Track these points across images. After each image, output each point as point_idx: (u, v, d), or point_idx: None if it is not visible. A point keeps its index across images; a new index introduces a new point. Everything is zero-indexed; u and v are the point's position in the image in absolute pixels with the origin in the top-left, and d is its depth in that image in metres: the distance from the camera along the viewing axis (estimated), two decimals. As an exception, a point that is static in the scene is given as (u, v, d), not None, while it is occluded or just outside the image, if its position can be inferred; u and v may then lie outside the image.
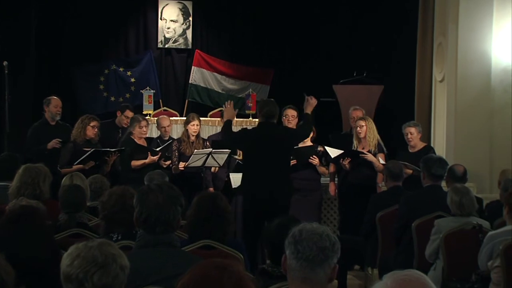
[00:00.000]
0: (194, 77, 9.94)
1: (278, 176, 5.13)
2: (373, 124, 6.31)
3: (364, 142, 6.27)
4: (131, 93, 9.73)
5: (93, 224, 3.92)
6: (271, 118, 5.21)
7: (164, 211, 2.48)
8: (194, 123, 6.47)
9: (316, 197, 6.31)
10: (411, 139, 6.21)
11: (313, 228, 2.11)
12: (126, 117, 6.94)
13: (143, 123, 6.42)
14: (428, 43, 7.94)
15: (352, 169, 6.22)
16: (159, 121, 7.00)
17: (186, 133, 6.51)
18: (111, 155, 6.14)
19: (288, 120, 6.69)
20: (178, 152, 6.43)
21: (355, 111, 6.76)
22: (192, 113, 6.76)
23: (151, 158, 6.26)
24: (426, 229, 4.36)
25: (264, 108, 5.22)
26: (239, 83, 10.14)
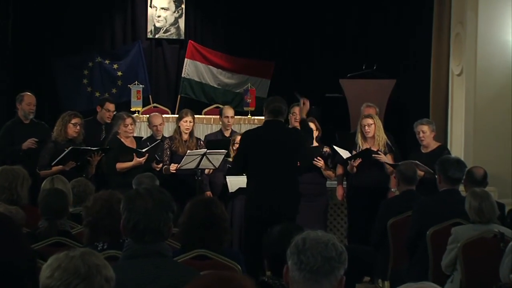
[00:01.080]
0: (187, 71, 9.93)
1: (287, 183, 5.14)
2: (380, 122, 6.33)
3: (372, 142, 6.28)
4: (117, 88, 9.72)
5: (76, 232, 3.92)
6: (279, 115, 5.19)
7: (153, 218, 2.48)
8: (187, 119, 6.48)
9: (322, 203, 6.34)
10: (423, 138, 6.23)
11: (318, 236, 2.11)
12: (107, 110, 6.94)
13: (128, 121, 6.42)
14: (445, 33, 7.94)
15: (362, 171, 6.22)
16: (151, 119, 7.00)
17: (178, 130, 6.53)
18: (94, 155, 6.14)
19: (295, 119, 6.72)
20: (170, 150, 6.45)
21: (368, 108, 6.79)
22: (186, 109, 6.77)
23: (137, 161, 6.27)
24: (442, 238, 4.36)
25: (270, 104, 5.21)
26: (237, 77, 10.14)
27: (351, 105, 7.96)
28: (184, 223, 3.23)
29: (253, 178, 5.23)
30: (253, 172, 5.22)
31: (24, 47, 9.46)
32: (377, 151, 6.22)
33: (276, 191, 5.08)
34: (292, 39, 10.09)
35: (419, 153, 6.27)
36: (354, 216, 6.39)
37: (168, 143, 6.49)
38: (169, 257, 2.55)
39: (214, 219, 3.21)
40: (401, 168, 5.34)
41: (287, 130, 5.57)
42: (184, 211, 3.27)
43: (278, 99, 5.31)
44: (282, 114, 5.21)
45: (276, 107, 5.16)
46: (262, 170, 5.12)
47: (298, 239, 2.10)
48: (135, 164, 6.26)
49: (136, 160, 6.26)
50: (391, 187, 6.31)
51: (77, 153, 6.07)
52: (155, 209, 2.49)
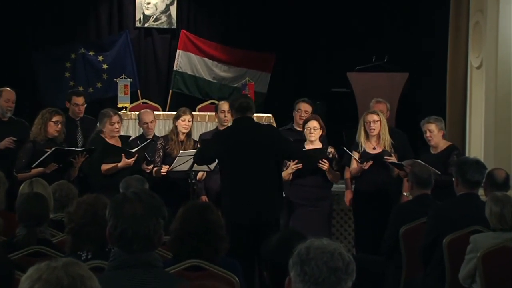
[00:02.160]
0: (180, 63, 9.94)
1: (266, 184, 5.23)
2: (384, 118, 6.36)
3: (376, 141, 6.30)
4: (103, 82, 9.73)
5: (57, 241, 3.92)
6: (247, 112, 5.31)
7: (143, 224, 2.47)
8: (185, 118, 6.49)
9: (325, 207, 6.36)
10: (431, 137, 6.26)
11: (323, 245, 2.10)
12: (75, 104, 6.94)
13: (114, 119, 6.41)
14: (463, 21, 7.95)
15: (368, 174, 6.27)
16: (141, 116, 7.01)
17: (175, 130, 6.53)
18: (77, 156, 6.14)
19: (300, 116, 6.71)
20: (163, 151, 6.46)
21: (378, 104, 6.79)
22: (184, 107, 6.79)
23: (126, 161, 6.26)
24: (460, 247, 4.36)
25: (236, 102, 5.37)
26: (234, 70, 10.15)
27: (360, 100, 7.97)
28: (176, 230, 3.23)
29: (228, 182, 5.31)
30: (227, 176, 5.32)
31: (1, 39, 9.47)
32: (382, 151, 6.25)
33: (255, 193, 5.17)
34: (295, 28, 10.09)
35: (428, 154, 6.29)
36: (362, 223, 6.42)
37: (161, 143, 6.50)
38: (160, 267, 2.54)
39: (209, 225, 3.21)
40: (415, 170, 5.34)
41: (259, 126, 5.66)
42: (176, 217, 3.27)
43: (243, 95, 5.48)
44: (251, 110, 5.33)
45: (242, 103, 5.29)
46: (237, 172, 5.21)
47: (301, 248, 2.09)
48: (123, 166, 6.26)
49: (124, 161, 6.25)
50: (404, 191, 6.31)
51: (60, 154, 6.06)
52: (144, 215, 2.48)
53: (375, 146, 6.29)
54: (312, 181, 6.25)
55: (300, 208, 6.23)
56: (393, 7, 9.49)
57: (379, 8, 9.66)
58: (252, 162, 5.19)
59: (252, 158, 5.19)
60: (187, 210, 3.29)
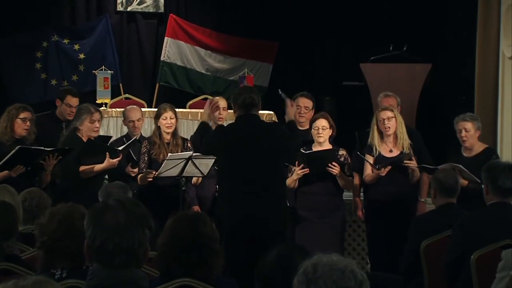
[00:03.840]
0: (168, 53, 9.96)
1: (267, 190, 5.21)
2: (399, 114, 6.37)
3: (392, 142, 6.30)
4: (79, 74, 9.74)
5: (27, 257, 3.91)
6: (252, 109, 5.29)
7: (126, 235, 2.47)
8: (166, 115, 6.49)
9: (337, 219, 6.37)
10: (466, 138, 6.23)
11: (332, 261, 2.11)
12: (68, 105, 6.95)
13: (95, 116, 6.43)
14: (493, 6, 7.95)
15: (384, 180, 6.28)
16: (127, 113, 7.03)
17: (157, 132, 6.52)
18: (48, 158, 6.12)
19: (300, 113, 6.70)
20: (148, 156, 6.46)
21: (387, 98, 6.83)
22: (164, 104, 6.77)
23: (110, 162, 6.24)
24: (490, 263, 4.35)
25: (239, 97, 5.32)
26: (231, 61, 10.16)
27: (375, 95, 7.92)
28: (164, 245, 3.22)
29: (226, 186, 5.31)
30: (226, 179, 5.31)
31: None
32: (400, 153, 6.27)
33: (257, 198, 5.17)
34: (301, 13, 10.11)
35: (460, 157, 6.27)
36: (377, 236, 6.43)
37: (146, 146, 6.49)
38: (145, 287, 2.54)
39: (201, 239, 3.20)
40: (439, 175, 5.33)
41: (265, 125, 5.66)
42: (165, 230, 3.26)
43: (248, 89, 5.42)
44: (256, 107, 5.33)
45: (246, 99, 5.27)
46: (238, 176, 5.20)
47: (308, 265, 2.10)
48: (107, 167, 6.25)
49: (109, 162, 6.23)
50: (421, 198, 6.32)
51: (27, 155, 6.03)
52: (128, 224, 2.48)
53: (391, 148, 6.29)
54: (321, 188, 6.26)
55: (308, 220, 6.25)
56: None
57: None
58: (256, 165, 5.19)
59: (256, 161, 5.20)
60: (176, 221, 3.28)
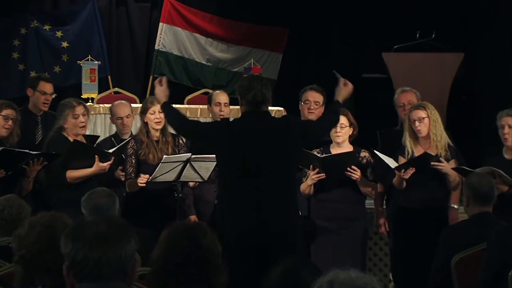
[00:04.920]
0: (163, 40, 9.96)
1: (277, 197, 5.14)
2: (437, 114, 6.33)
3: (426, 144, 6.32)
4: (62, 65, 9.76)
5: (4, 272, 3.93)
6: (262, 106, 5.23)
7: (110, 244, 2.49)
8: (154, 110, 6.45)
9: (359, 230, 6.37)
10: (508, 136, 6.20)
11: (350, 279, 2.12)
12: (42, 93, 6.96)
13: (79, 110, 6.44)
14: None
15: (413, 185, 6.24)
16: (114, 109, 7.04)
17: (144, 129, 6.51)
18: (32, 163, 6.14)
19: (309, 109, 6.73)
20: (136, 158, 6.46)
21: (404, 94, 6.85)
22: (151, 97, 6.75)
23: (100, 166, 6.25)
24: (531, 281, 4.36)
25: (249, 92, 5.22)
26: (235, 50, 10.17)
27: (399, 88, 7.96)
28: (158, 260, 3.22)
29: (227, 190, 5.24)
30: (227, 181, 5.24)
31: None
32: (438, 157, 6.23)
33: (264, 207, 5.09)
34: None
35: (500, 158, 6.24)
36: (402, 250, 6.42)
37: (133, 146, 6.47)
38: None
39: (200, 253, 3.19)
40: (472, 180, 5.32)
41: (277, 122, 5.57)
42: (159, 243, 3.26)
43: (258, 80, 5.32)
44: (266, 103, 5.24)
45: (257, 96, 5.18)
46: (242, 178, 5.13)
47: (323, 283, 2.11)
48: (97, 171, 6.26)
49: (98, 166, 6.24)
50: (452, 204, 6.32)
51: (9, 158, 6.02)
52: (111, 233, 2.51)
53: (426, 149, 6.25)
54: (339, 195, 6.25)
55: (324, 231, 6.25)
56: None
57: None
58: (265, 167, 5.14)
59: (264, 162, 5.14)
60: (172, 233, 3.24)
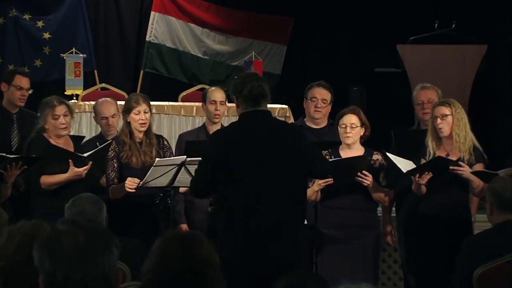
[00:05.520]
0: (155, 31, 9.96)
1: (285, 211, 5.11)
2: (463, 113, 6.30)
3: (449, 145, 6.30)
4: (44, 58, 9.78)
5: (-21, 287, 3.92)
6: (261, 102, 5.19)
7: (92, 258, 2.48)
8: (139, 110, 6.45)
9: (369, 240, 6.37)
10: None
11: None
12: (18, 87, 6.98)
13: (59, 110, 6.44)
14: None
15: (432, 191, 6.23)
16: (98, 108, 7.03)
17: (126, 129, 6.49)
18: (10, 166, 6.11)
19: (315, 106, 6.75)
20: (118, 161, 6.46)
21: (424, 91, 6.86)
22: (136, 94, 6.78)
23: (75, 171, 6.25)
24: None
25: (244, 86, 5.18)
26: (234, 42, 10.18)
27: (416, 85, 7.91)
28: (150, 272, 3.20)
29: (229, 209, 5.16)
30: (229, 199, 5.16)
31: None
32: (457, 159, 6.20)
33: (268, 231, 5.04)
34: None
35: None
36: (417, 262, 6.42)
37: (114, 149, 6.47)
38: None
39: (197, 264, 3.18)
40: (496, 186, 5.32)
41: (280, 125, 5.51)
42: (151, 254, 3.25)
43: (253, 76, 5.33)
44: (265, 97, 5.18)
45: (254, 89, 5.13)
46: (246, 195, 5.06)
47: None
48: (72, 177, 6.25)
49: (73, 171, 6.24)
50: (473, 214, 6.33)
51: None
52: (91, 245, 2.50)
53: (449, 151, 6.26)
54: (349, 202, 6.25)
55: (333, 241, 6.25)
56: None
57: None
58: (272, 179, 5.09)
59: (271, 173, 5.09)
60: (166, 243, 3.25)
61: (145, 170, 6.22)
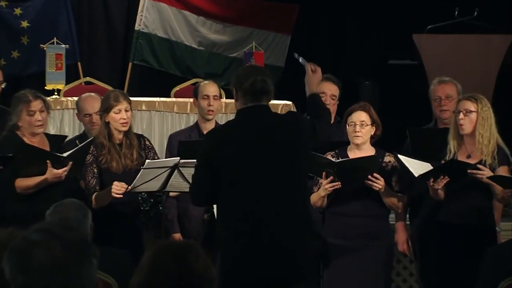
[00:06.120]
0: (145, 19, 10.00)
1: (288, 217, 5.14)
2: (491, 112, 6.29)
3: (471, 146, 6.29)
4: (22, 49, 9.85)
5: None
6: (263, 97, 5.20)
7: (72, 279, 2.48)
8: (120, 108, 6.46)
9: (381, 250, 6.39)
10: None
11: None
12: None
13: (34, 105, 6.44)
14: None
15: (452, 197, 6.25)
16: (82, 104, 7.09)
17: (104, 130, 6.50)
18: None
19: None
20: (97, 166, 6.46)
21: (442, 86, 6.89)
22: (115, 91, 6.80)
23: (54, 173, 6.25)
24: None
25: (246, 79, 5.21)
26: (233, 31, 10.25)
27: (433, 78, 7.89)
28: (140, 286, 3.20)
29: (229, 214, 5.21)
30: (228, 204, 5.20)
31: None
32: (479, 162, 6.18)
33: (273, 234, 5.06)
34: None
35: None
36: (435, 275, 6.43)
37: (92, 152, 6.49)
38: None
39: (191, 278, 3.18)
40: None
41: (282, 120, 5.50)
42: (141, 267, 3.23)
43: (257, 69, 5.36)
44: (268, 94, 5.21)
45: (256, 83, 5.15)
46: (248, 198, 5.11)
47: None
48: (50, 180, 6.26)
49: (51, 173, 6.24)
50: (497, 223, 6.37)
51: None
52: (68, 257, 2.49)
53: (470, 153, 6.22)
54: (359, 209, 6.27)
55: (341, 252, 6.25)
56: None
57: None
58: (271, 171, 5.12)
59: (270, 165, 5.12)
60: (158, 254, 3.20)
61: (127, 175, 6.30)
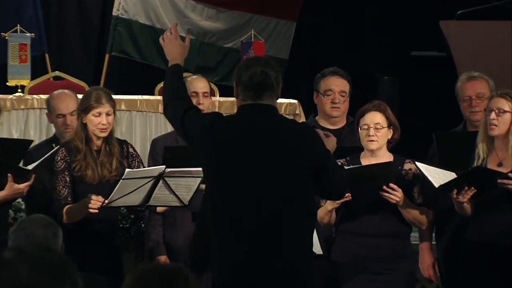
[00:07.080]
0: (124, 3, 10.05)
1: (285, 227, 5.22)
2: None
3: (503, 152, 6.34)
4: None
5: None
6: (265, 93, 5.25)
7: None
8: (101, 111, 6.49)
9: (402, 275, 6.42)
10: None
11: None
12: None
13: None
14: None
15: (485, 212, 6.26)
16: (54, 103, 7.14)
17: (81, 134, 6.53)
18: None
19: (332, 102, 6.87)
20: (70, 174, 6.44)
21: (471, 83, 6.97)
22: (94, 88, 6.83)
23: (15, 188, 6.33)
24: None
25: (245, 71, 5.29)
26: (228, 17, 10.31)
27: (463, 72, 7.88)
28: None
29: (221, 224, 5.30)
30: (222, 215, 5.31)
31: None
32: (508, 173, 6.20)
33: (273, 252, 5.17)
34: None
35: None
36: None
37: (64, 158, 6.51)
38: None
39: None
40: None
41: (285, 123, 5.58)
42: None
43: (262, 60, 5.43)
44: (271, 90, 5.26)
45: (256, 76, 5.22)
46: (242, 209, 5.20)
47: None
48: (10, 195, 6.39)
49: (12, 188, 6.32)
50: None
51: None
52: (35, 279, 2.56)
53: (502, 160, 6.20)
54: (373, 226, 6.32)
55: (353, 277, 6.30)
56: None
57: None
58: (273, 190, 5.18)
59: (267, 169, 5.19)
60: (141, 280, 3.25)
61: (102, 187, 6.37)
